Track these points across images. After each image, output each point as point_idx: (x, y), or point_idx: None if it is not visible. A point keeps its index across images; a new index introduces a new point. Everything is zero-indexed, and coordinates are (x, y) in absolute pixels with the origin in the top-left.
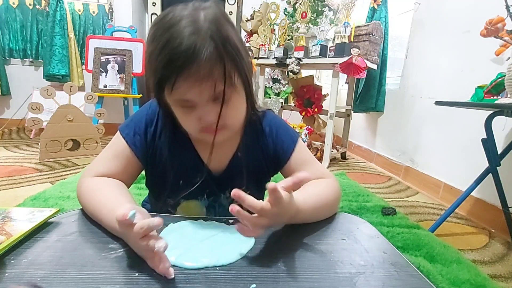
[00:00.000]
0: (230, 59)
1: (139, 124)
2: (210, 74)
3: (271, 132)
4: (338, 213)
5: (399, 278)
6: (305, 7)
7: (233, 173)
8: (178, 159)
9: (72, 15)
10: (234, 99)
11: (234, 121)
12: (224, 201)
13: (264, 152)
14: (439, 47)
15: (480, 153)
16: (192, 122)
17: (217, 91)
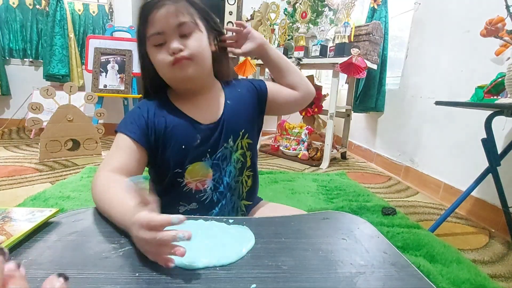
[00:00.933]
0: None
1: (132, 115)
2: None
3: (244, 80)
4: (338, 213)
5: (400, 278)
6: (305, 7)
7: (229, 119)
8: (176, 128)
9: (72, 15)
10: (197, 35)
11: (197, 51)
12: (226, 152)
13: (244, 95)
14: (439, 47)
15: (480, 153)
16: (164, 57)
17: (180, 20)
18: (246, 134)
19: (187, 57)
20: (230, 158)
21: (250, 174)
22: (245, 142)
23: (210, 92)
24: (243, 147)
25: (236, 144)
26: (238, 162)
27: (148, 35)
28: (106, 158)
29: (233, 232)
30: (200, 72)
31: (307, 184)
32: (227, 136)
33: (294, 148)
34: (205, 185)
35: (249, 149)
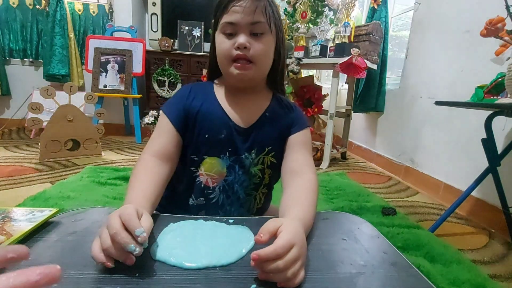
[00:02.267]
0: (272, 9)
1: (176, 95)
2: (253, 4)
3: (293, 107)
4: (338, 213)
5: (400, 279)
6: (305, 7)
7: (260, 130)
8: (206, 115)
9: (72, 15)
10: (266, 38)
11: (262, 56)
12: (247, 162)
13: (286, 117)
14: (439, 47)
15: (480, 153)
16: (228, 46)
17: (256, 18)
18: (272, 152)
19: (249, 59)
20: (248, 169)
21: (265, 192)
22: (268, 159)
23: (256, 96)
24: (263, 163)
25: (258, 158)
26: (255, 177)
27: (221, 21)
28: (151, 140)
29: (233, 232)
30: (257, 76)
31: None
32: (251, 147)
33: None
34: (215, 183)
35: (271, 167)
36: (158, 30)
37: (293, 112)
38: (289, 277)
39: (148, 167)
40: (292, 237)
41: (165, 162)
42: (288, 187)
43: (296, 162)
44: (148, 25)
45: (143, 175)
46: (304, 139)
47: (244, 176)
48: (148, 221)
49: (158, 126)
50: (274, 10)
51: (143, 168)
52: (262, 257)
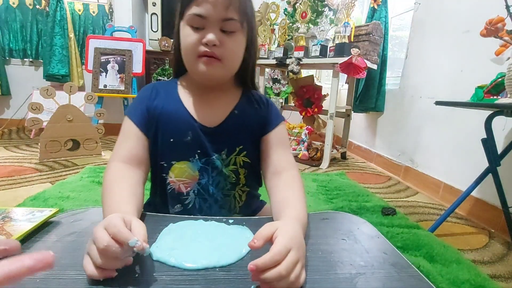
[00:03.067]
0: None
1: (140, 96)
2: None
3: (265, 102)
4: (338, 213)
5: (400, 279)
6: (305, 7)
7: (229, 130)
8: (169, 117)
9: (72, 15)
10: (237, 37)
11: (231, 55)
12: (218, 162)
13: (257, 115)
14: (439, 47)
15: (480, 153)
16: (195, 41)
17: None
18: (244, 151)
19: (218, 57)
20: (221, 171)
21: (246, 191)
22: (240, 159)
23: (223, 94)
24: (236, 164)
25: (230, 159)
26: (229, 177)
27: (189, 12)
28: (116, 146)
29: (233, 233)
30: (224, 75)
31: (307, 184)
32: (221, 147)
33: (294, 148)
34: (188, 188)
35: (245, 167)
36: (158, 30)
37: (265, 108)
38: (292, 281)
39: (119, 173)
40: (288, 241)
41: (135, 166)
42: (274, 187)
43: (276, 161)
44: (148, 25)
45: (116, 182)
46: (280, 136)
47: (218, 177)
48: (141, 227)
49: (122, 131)
50: (248, 6)
51: (114, 176)
52: (259, 266)
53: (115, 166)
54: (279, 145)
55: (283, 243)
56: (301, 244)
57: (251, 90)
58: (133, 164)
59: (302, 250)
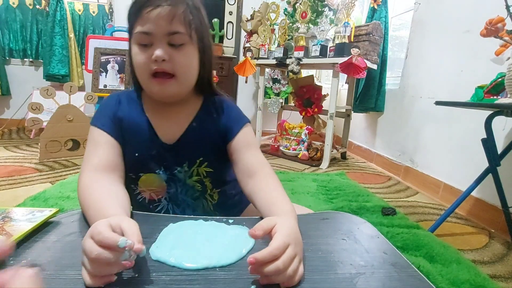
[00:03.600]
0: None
1: (105, 107)
2: (170, 10)
3: (225, 109)
4: (338, 213)
5: (400, 279)
6: (305, 7)
7: (187, 143)
8: (134, 132)
9: (72, 15)
10: (188, 49)
11: (183, 69)
12: (180, 175)
13: (218, 125)
14: (439, 47)
15: (480, 153)
16: (144, 60)
17: (173, 28)
18: (205, 163)
19: (170, 72)
20: (185, 182)
21: (216, 191)
22: (202, 170)
23: (182, 107)
24: (199, 174)
25: (192, 171)
26: (195, 187)
27: (135, 30)
28: (86, 156)
29: (233, 233)
30: (181, 91)
31: (307, 184)
32: (180, 160)
33: (294, 148)
34: (160, 195)
35: (209, 176)
36: None
37: (225, 115)
38: (290, 275)
39: (92, 181)
40: (286, 237)
41: (109, 173)
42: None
43: (247, 164)
44: None
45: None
46: (245, 139)
47: (186, 186)
48: (132, 227)
49: (92, 140)
50: (195, 15)
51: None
52: (259, 259)
53: (87, 176)
54: (247, 148)
55: (281, 239)
56: (299, 240)
57: (212, 97)
58: (108, 171)
59: (299, 246)
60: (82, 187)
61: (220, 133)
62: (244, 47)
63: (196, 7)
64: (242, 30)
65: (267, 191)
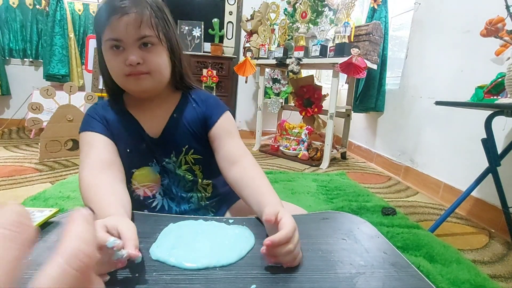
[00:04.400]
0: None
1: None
2: (137, 17)
3: (203, 99)
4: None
5: (399, 279)
6: (305, 7)
7: (171, 134)
8: (123, 130)
9: (72, 15)
10: (157, 49)
11: (156, 67)
12: (170, 166)
13: (198, 113)
14: (439, 47)
15: (480, 153)
16: (119, 64)
17: (142, 33)
18: (191, 150)
19: (145, 71)
20: (175, 172)
21: (209, 183)
22: (190, 158)
23: (162, 101)
24: (188, 163)
25: (180, 160)
26: (185, 176)
27: (105, 38)
28: (82, 157)
29: (233, 233)
30: (156, 85)
31: (307, 184)
32: (167, 151)
33: (294, 148)
34: (154, 191)
35: (198, 163)
36: None
37: (203, 104)
38: (295, 256)
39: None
40: (293, 221)
41: (109, 170)
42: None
43: (228, 152)
44: None
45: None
46: (225, 126)
47: (177, 177)
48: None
49: (85, 143)
50: (160, 17)
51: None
52: (275, 242)
53: (88, 176)
54: (227, 136)
55: (291, 224)
56: None
57: (190, 91)
58: (107, 168)
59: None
60: (84, 185)
61: (201, 121)
62: (244, 47)
63: (160, 9)
64: (242, 30)
65: (254, 181)
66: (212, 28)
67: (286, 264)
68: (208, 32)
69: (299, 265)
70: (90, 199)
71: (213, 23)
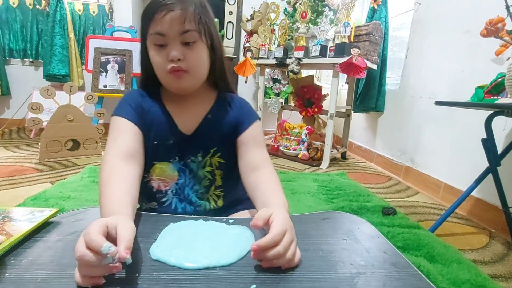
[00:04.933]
0: (203, 16)
1: (127, 98)
2: (182, 13)
3: (238, 104)
4: (338, 213)
5: (400, 279)
6: (305, 7)
7: (203, 134)
8: (155, 122)
9: (72, 15)
10: (199, 46)
11: (196, 65)
12: (193, 166)
13: (231, 118)
14: (439, 47)
15: (480, 153)
16: (162, 60)
17: (186, 27)
18: (218, 153)
19: (184, 69)
20: (197, 172)
21: (221, 195)
22: (215, 160)
23: (198, 100)
24: (212, 165)
25: (205, 161)
26: (205, 179)
27: (150, 32)
28: (110, 141)
29: (233, 233)
30: (195, 84)
31: (307, 184)
32: (196, 150)
33: (294, 148)
34: (167, 187)
35: (220, 168)
36: None
37: (238, 109)
38: (290, 258)
39: (116, 169)
40: (283, 224)
41: (131, 161)
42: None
43: (252, 160)
44: None
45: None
46: (254, 134)
47: (194, 179)
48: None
49: (115, 128)
50: (203, 14)
51: (110, 172)
52: (261, 246)
53: (112, 161)
54: (254, 144)
55: (280, 226)
56: (292, 227)
57: (225, 93)
58: (130, 158)
59: (294, 231)
60: (106, 172)
61: (232, 126)
62: (244, 47)
63: (203, 6)
64: (242, 30)
65: (265, 184)
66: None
67: (283, 266)
68: None
69: (299, 265)
70: (107, 188)
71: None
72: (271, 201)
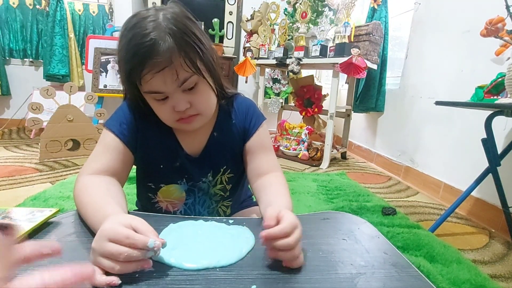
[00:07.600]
0: (190, 48)
1: (124, 114)
2: (169, 64)
3: (242, 109)
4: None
5: (400, 279)
6: (305, 7)
7: (211, 153)
8: (158, 144)
9: (72, 15)
10: (201, 86)
11: (205, 106)
12: (204, 186)
13: (237, 128)
14: (439, 47)
15: (480, 153)
16: (167, 112)
17: (181, 79)
18: (228, 170)
19: (194, 114)
20: (208, 191)
21: (229, 205)
22: (225, 177)
23: None
24: (223, 182)
25: (216, 180)
26: (216, 196)
27: (144, 90)
28: (92, 158)
29: (233, 233)
30: (207, 120)
31: (307, 184)
32: (205, 171)
33: (294, 148)
34: (176, 208)
35: (230, 182)
36: None
37: (243, 115)
38: (296, 254)
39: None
40: (294, 219)
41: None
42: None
43: (260, 165)
44: None
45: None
46: (261, 139)
47: (204, 197)
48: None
49: (102, 143)
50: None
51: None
52: (271, 235)
53: (86, 178)
54: (261, 150)
55: (290, 220)
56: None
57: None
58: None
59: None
60: (80, 187)
61: (240, 136)
62: (244, 47)
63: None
64: (242, 30)
65: (271, 188)
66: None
67: (286, 262)
68: (208, 32)
69: None
70: (86, 200)
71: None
72: (276, 202)
